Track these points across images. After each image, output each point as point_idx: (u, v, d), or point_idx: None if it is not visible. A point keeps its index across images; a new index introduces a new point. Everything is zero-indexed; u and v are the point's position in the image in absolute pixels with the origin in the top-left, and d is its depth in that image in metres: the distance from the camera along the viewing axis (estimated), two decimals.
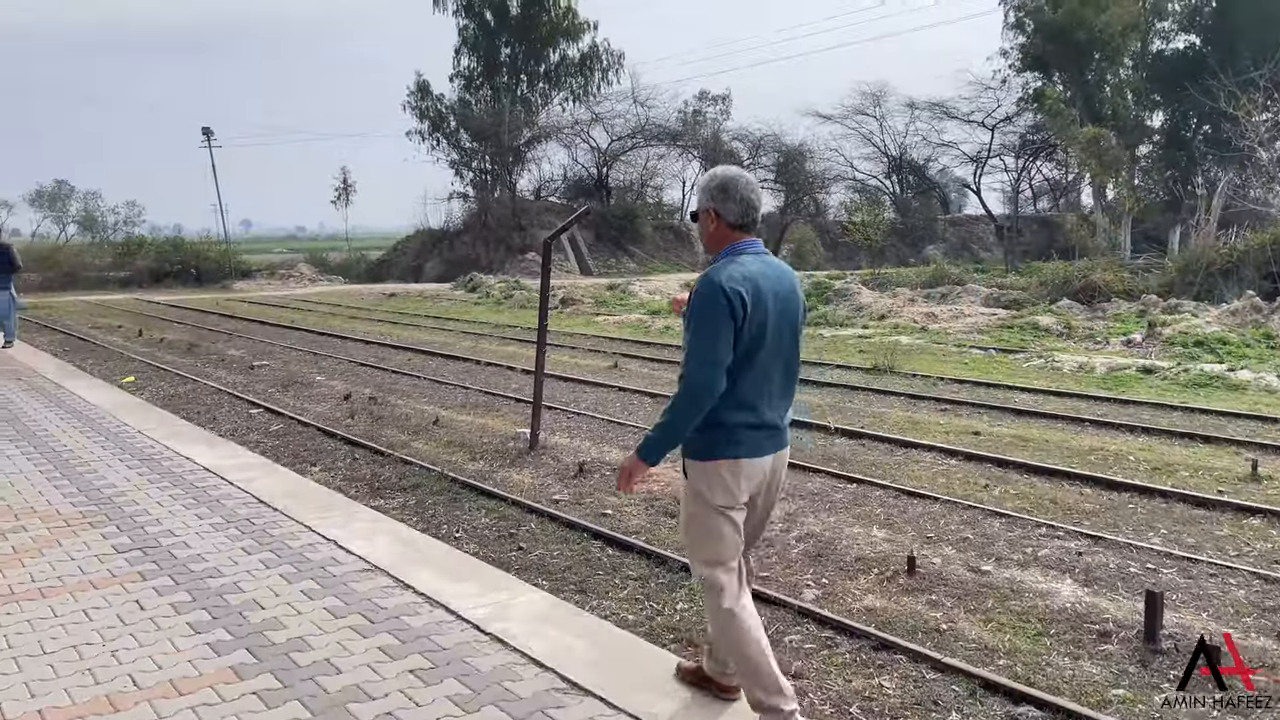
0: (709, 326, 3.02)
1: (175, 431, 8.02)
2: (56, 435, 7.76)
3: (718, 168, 3.39)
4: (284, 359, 15.18)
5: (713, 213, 3.23)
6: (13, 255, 14.69)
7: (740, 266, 3.12)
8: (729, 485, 3.18)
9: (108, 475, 6.53)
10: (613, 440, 9.02)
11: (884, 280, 30.01)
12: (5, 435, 7.92)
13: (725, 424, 3.13)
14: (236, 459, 7.16)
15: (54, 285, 36.47)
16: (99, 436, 7.72)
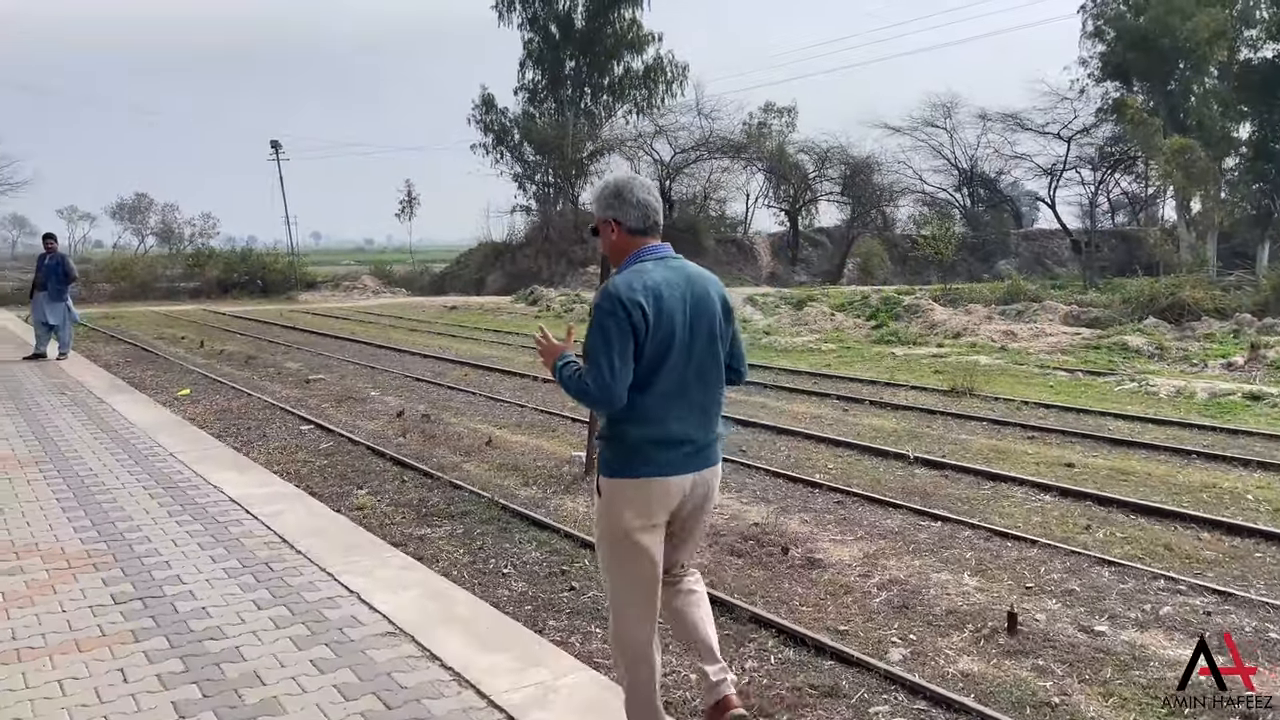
0: (605, 342, 2.88)
1: (207, 454, 7.60)
2: (85, 457, 7.40)
3: (608, 176, 3.70)
4: (340, 373, 14.94)
5: (611, 222, 3.10)
6: (69, 266, 14.56)
7: (642, 275, 2.97)
8: (638, 505, 3.00)
9: (126, 506, 6.07)
10: None
11: (955, 296, 29.05)
12: (33, 456, 7.56)
13: (630, 440, 2.98)
14: (266, 488, 6.64)
15: (126, 295, 37.18)
16: (127, 459, 7.34)
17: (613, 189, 3.14)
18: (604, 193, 3.16)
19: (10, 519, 5.86)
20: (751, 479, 7.96)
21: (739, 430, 10.10)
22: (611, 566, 3.15)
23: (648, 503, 3.00)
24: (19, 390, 10.67)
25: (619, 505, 3.01)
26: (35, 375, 11.93)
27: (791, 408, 11.67)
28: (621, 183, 3.16)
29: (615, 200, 3.10)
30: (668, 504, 3.03)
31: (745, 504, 7.22)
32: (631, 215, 3.07)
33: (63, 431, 8.34)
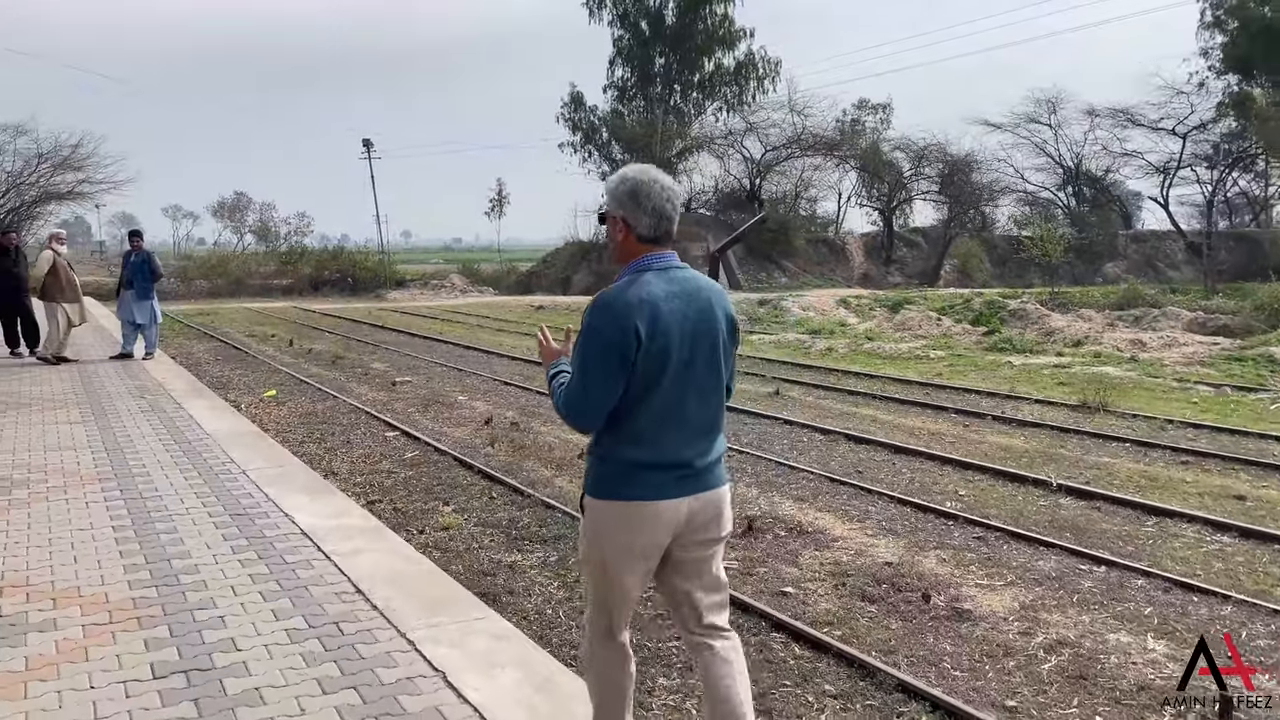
0: (586, 359, 2.69)
1: (282, 473, 6.83)
2: (152, 474, 6.71)
3: (629, 167, 2.89)
4: (427, 374, 14.54)
5: (621, 221, 2.81)
6: (155, 264, 13.96)
7: (640, 287, 2.71)
8: (622, 530, 2.77)
9: (186, 539, 5.27)
10: (783, 488, 7.71)
11: (1064, 300, 27.55)
12: (98, 472, 6.84)
13: (619, 461, 2.76)
14: (341, 518, 5.73)
15: (221, 292, 37.89)
16: (196, 477, 6.62)
17: (629, 187, 2.80)
18: (619, 187, 2.83)
19: (57, 551, 5.14)
20: (874, 506, 7.15)
21: (851, 448, 9.27)
22: (589, 587, 2.97)
23: (632, 528, 2.76)
24: (99, 392, 10.32)
25: (602, 528, 2.79)
26: (118, 376, 11.59)
27: (905, 421, 10.78)
28: (640, 183, 2.80)
29: (629, 200, 2.79)
30: (656, 530, 2.77)
31: (871, 537, 6.42)
32: (643, 223, 2.79)
33: (134, 442, 7.76)
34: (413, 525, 6.75)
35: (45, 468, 6.90)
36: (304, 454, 8.91)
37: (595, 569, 2.85)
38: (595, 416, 2.71)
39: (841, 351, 17.40)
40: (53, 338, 12.94)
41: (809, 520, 6.77)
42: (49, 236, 13.64)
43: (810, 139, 44.77)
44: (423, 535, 6.51)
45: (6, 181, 36.47)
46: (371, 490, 7.72)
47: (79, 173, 38.03)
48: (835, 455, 8.95)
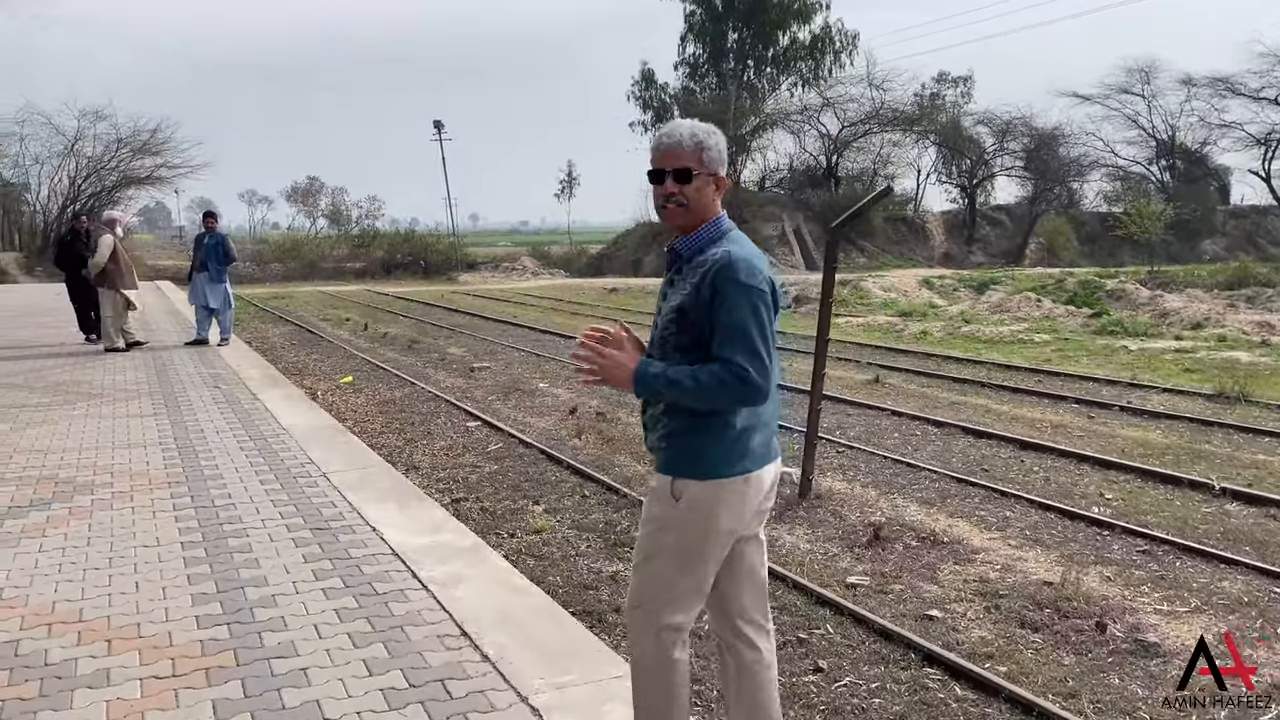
0: (760, 323, 2.43)
1: (365, 476, 6.11)
2: (226, 476, 6.04)
3: (697, 124, 2.62)
4: (505, 360, 14.05)
5: (713, 180, 2.58)
6: (229, 246, 13.25)
7: (750, 245, 2.57)
8: (730, 513, 2.54)
9: (264, 562, 4.52)
10: (904, 489, 6.99)
11: (1165, 280, 26.07)
12: (169, 474, 6.15)
13: (735, 428, 2.52)
14: (435, 534, 4.97)
15: (295, 275, 38.10)
16: (274, 481, 5.95)
17: (723, 142, 2.61)
18: (718, 143, 2.58)
19: (118, 575, 4.39)
20: (1012, 512, 6.39)
21: (971, 442, 8.48)
22: (660, 583, 2.61)
23: (737, 507, 2.54)
24: (172, 382, 9.98)
25: (708, 513, 2.51)
26: (192, 364, 11.25)
27: (1022, 412, 9.93)
28: (723, 137, 2.63)
29: (724, 157, 2.60)
30: (754, 503, 2.60)
31: (1016, 548, 5.68)
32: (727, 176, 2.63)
33: (207, 438, 7.17)
34: (503, 528, 6.21)
35: (112, 468, 6.35)
36: (383, 446, 8.46)
37: (680, 561, 2.57)
38: (777, 381, 2.49)
39: (937, 335, 16.46)
40: (113, 327, 12.33)
41: (941, 528, 6.05)
42: (105, 221, 12.54)
43: (889, 114, 43.31)
44: (514, 540, 5.97)
45: (88, 167, 37.09)
46: (455, 487, 7.21)
47: (157, 157, 38.52)
48: (955, 451, 8.18)
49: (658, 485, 2.59)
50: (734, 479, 2.51)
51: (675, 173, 2.52)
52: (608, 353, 2.52)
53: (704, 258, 2.49)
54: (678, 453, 2.52)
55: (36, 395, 9.02)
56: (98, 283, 12.12)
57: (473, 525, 6.23)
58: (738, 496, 2.53)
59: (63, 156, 36.88)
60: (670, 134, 2.56)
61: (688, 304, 2.46)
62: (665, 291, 2.64)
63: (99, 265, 11.89)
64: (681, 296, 2.49)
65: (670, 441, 2.53)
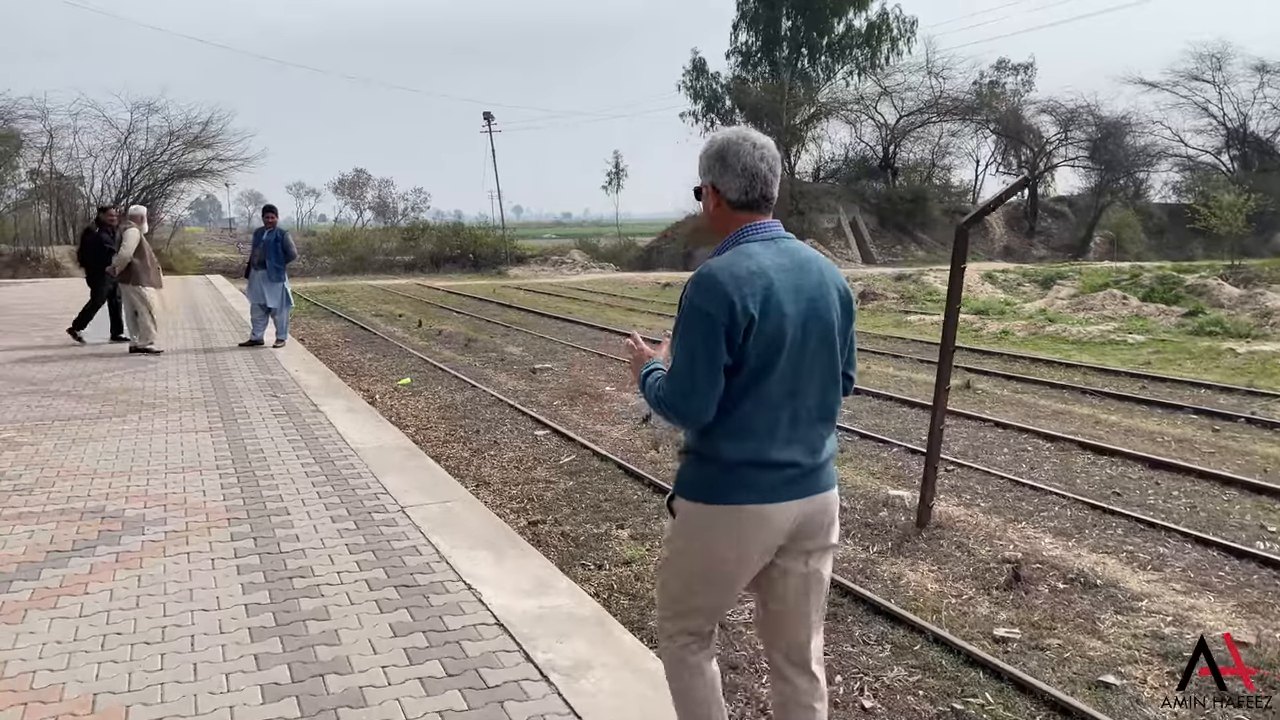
0: (690, 343, 2.29)
1: (449, 513, 5.24)
2: (291, 511, 5.19)
3: (721, 131, 2.48)
4: (566, 360, 13.46)
5: (711, 189, 2.44)
6: (288, 242, 12.47)
7: (746, 258, 2.33)
8: (727, 540, 2.41)
9: (344, 635, 3.64)
10: (1031, 516, 6.26)
11: (1248, 275, 24.79)
12: (228, 508, 5.28)
13: (724, 460, 2.37)
14: (543, 597, 3.97)
15: (345, 269, 37.90)
16: (347, 519, 5.07)
17: (715, 149, 2.44)
18: (705, 151, 2.47)
19: (172, 656, 3.52)
20: (1165, 547, 5.64)
21: (1091, 460, 7.71)
22: (670, 595, 2.60)
23: (736, 536, 2.41)
24: (228, 389, 9.27)
25: (700, 535, 2.45)
26: (248, 368, 10.67)
27: (1135, 424, 9.11)
28: (727, 143, 2.42)
29: (717, 164, 2.42)
30: (765, 538, 2.42)
31: (1183, 594, 4.94)
32: (734, 186, 2.39)
33: (268, 460, 6.37)
34: (588, 557, 5.61)
35: (166, 499, 5.56)
36: (449, 457, 7.91)
37: (684, 578, 2.53)
38: (704, 407, 2.31)
39: (1019, 335, 15.58)
40: (143, 326, 11.66)
41: (1087, 566, 5.32)
42: (131, 215, 11.88)
43: (948, 103, 42.06)
44: (603, 573, 5.36)
45: (141, 160, 37.10)
46: (531, 506, 6.62)
47: (209, 150, 38.38)
48: (1076, 470, 7.42)
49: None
50: (722, 507, 2.39)
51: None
52: (640, 349, 2.60)
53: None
54: (681, 473, 2.49)
55: (84, 405, 8.36)
56: (122, 279, 11.46)
57: (555, 554, 5.65)
58: (732, 525, 2.39)
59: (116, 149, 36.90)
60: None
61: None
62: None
63: (125, 260, 11.24)
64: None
65: (679, 458, 2.52)
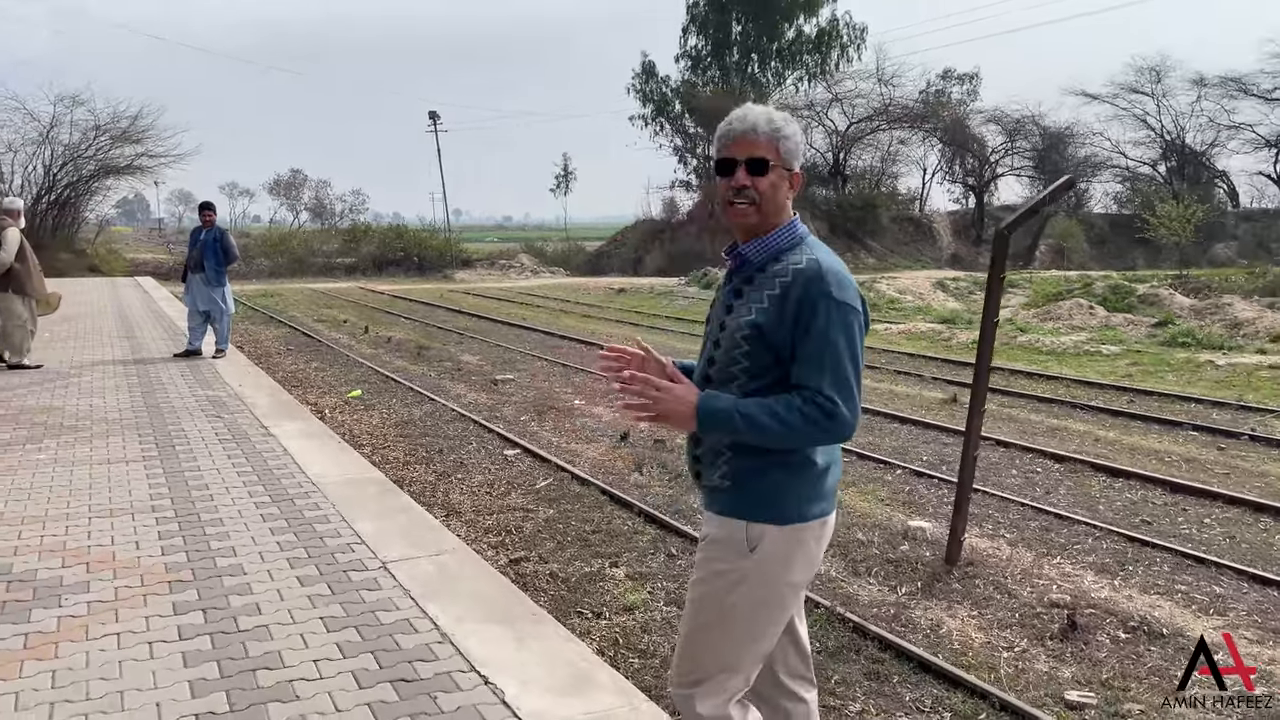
0: (854, 351, 2.11)
1: (443, 570, 4.27)
2: (247, 568, 4.19)
3: (771, 111, 2.23)
4: (528, 369, 12.72)
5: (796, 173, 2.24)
6: (228, 243, 11.38)
7: (834, 254, 2.23)
8: (814, 556, 2.25)
9: None
10: (1065, 549, 5.74)
11: (1197, 285, 25.04)
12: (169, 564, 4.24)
13: (818, 464, 2.19)
14: (581, 694, 3.12)
15: (283, 272, 36.51)
16: (318, 580, 4.07)
17: (799, 130, 2.25)
18: (796, 131, 2.23)
19: None
20: (1222, 586, 5.14)
21: (1106, 482, 7.23)
22: (723, 645, 2.24)
23: (819, 553, 2.25)
24: (163, 409, 8.07)
25: (798, 558, 2.19)
26: (185, 383, 9.54)
27: (1135, 441, 8.70)
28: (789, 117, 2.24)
29: (800, 147, 2.26)
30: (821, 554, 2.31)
31: (1259, 643, 4.44)
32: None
33: (214, 500, 5.31)
34: (584, 604, 4.93)
35: (89, 554, 4.42)
36: (412, 481, 7.16)
37: (754, 625, 2.22)
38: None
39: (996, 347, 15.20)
40: (24, 341, 10.11)
41: (1143, 610, 4.78)
42: (6, 210, 10.07)
43: (898, 110, 42.11)
44: (605, 623, 4.69)
45: (64, 155, 35.17)
46: (511, 539, 5.92)
47: (138, 145, 36.55)
48: (1094, 494, 6.93)
49: (721, 533, 2.23)
50: (813, 523, 2.21)
51: (749, 163, 2.17)
52: (664, 385, 2.13)
53: (782, 266, 2.17)
54: (751, 493, 2.18)
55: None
56: (5, 288, 9.85)
57: (545, 599, 4.96)
58: (815, 543, 2.24)
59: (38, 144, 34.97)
60: (744, 118, 2.20)
61: (766, 321, 2.12)
62: (730, 303, 2.26)
63: (5, 264, 9.87)
64: (757, 311, 2.15)
65: (739, 480, 2.19)
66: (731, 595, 2.20)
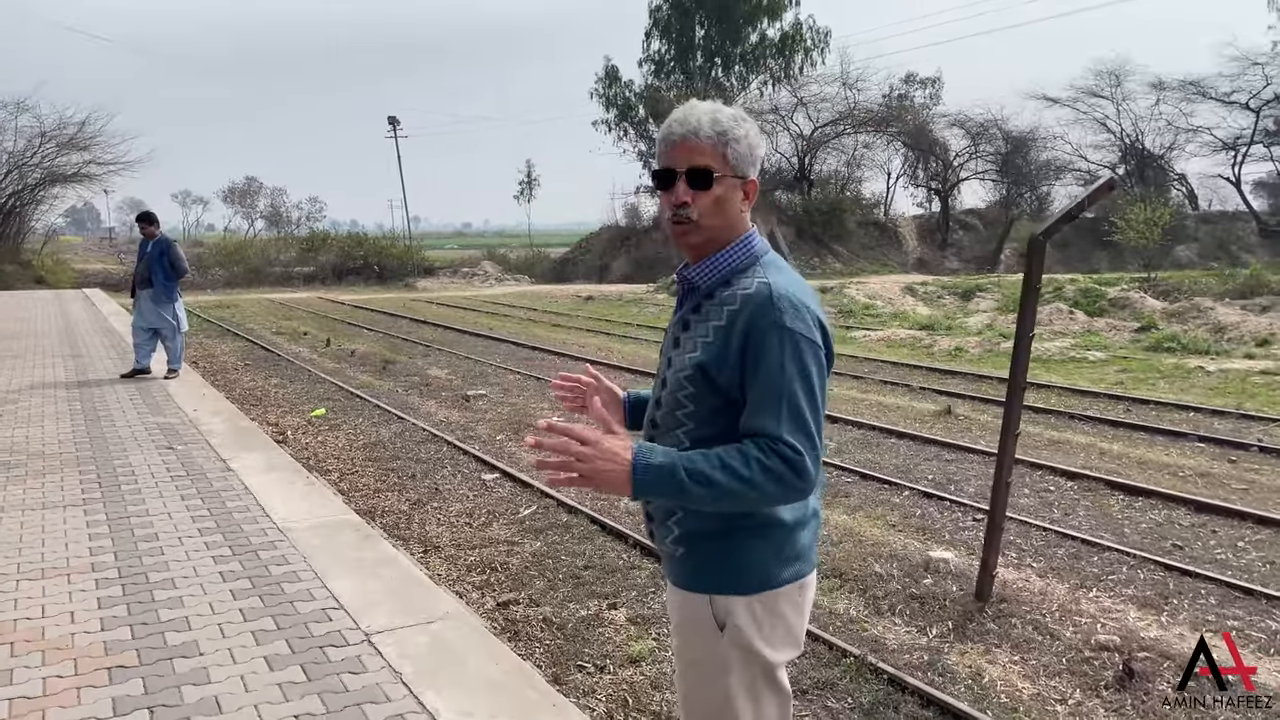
0: (812, 392, 1.75)
1: (441, 649, 3.63)
2: (202, 644, 3.56)
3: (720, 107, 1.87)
4: (500, 384, 12.15)
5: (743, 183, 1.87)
6: (175, 255, 10.39)
7: (794, 273, 1.91)
8: (794, 622, 1.91)
9: None
10: (1099, 580, 5.32)
11: (1166, 288, 25.06)
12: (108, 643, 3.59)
13: (786, 522, 1.86)
14: None
15: (239, 281, 35.51)
16: (288, 659, 3.45)
17: (757, 130, 1.90)
18: (749, 131, 1.86)
19: None
20: (1277, 620, 4.72)
21: (1127, 501, 6.84)
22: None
23: (803, 619, 1.93)
24: (108, 439, 7.33)
25: (777, 628, 1.86)
26: (134, 407, 8.78)
27: (1140, 453, 8.35)
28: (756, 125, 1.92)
29: (758, 155, 1.89)
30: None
31: None
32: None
33: (166, 556, 4.56)
34: (584, 655, 4.41)
35: (13, 634, 3.68)
36: (384, 512, 6.60)
37: (767, 694, 1.87)
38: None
39: (974, 352, 14.89)
40: None
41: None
42: None
43: (862, 114, 42.03)
44: (609, 679, 4.19)
45: (7, 163, 33.92)
46: (497, 578, 5.39)
47: (85, 152, 35.40)
48: (1116, 515, 6.53)
49: (684, 614, 1.89)
50: (788, 588, 1.87)
51: (690, 174, 1.81)
52: (591, 438, 1.67)
53: (731, 292, 1.83)
54: (708, 561, 1.84)
55: None
56: None
57: (542, 650, 4.43)
58: (794, 611, 1.90)
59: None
60: (684, 119, 1.83)
61: (710, 359, 1.78)
62: (677, 336, 1.93)
63: None
64: (702, 347, 1.81)
65: (695, 545, 1.85)
66: (719, 683, 1.87)
